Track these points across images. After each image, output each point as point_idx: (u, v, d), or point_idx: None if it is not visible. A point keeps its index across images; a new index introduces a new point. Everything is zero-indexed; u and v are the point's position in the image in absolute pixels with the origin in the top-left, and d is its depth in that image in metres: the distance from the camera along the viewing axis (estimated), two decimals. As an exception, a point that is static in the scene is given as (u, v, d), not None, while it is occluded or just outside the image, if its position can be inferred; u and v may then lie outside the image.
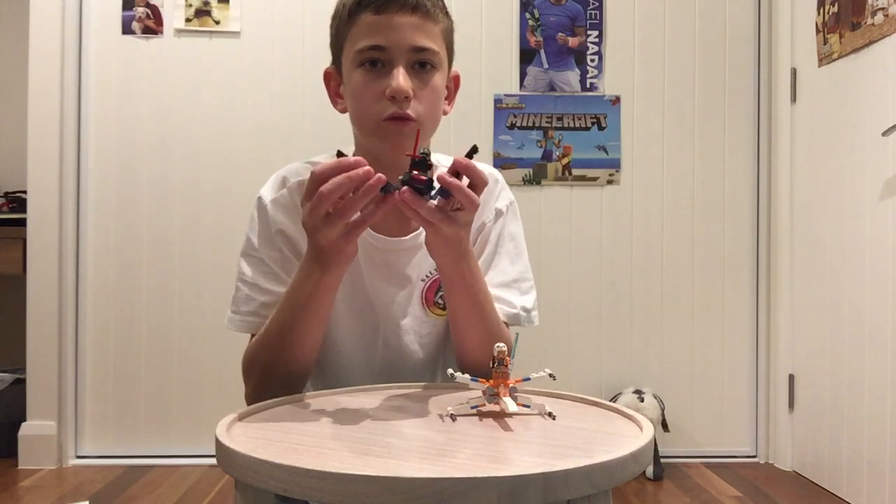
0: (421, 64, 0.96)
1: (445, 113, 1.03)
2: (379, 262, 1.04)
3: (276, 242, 1.02)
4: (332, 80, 1.05)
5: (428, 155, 0.80)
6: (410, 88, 0.94)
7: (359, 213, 0.82)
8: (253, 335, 1.00)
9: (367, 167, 0.79)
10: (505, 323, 1.03)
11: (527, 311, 1.06)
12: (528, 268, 1.11)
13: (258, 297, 1.00)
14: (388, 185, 0.80)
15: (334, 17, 1.01)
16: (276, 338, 0.93)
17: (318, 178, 0.80)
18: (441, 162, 1.09)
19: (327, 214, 0.81)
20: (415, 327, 1.07)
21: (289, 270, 1.01)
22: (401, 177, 0.80)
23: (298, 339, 0.93)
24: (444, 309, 1.07)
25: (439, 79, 0.99)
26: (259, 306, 1.00)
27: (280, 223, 1.02)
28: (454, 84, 1.06)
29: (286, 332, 0.93)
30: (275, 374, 0.95)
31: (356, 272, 1.04)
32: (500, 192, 1.10)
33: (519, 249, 1.10)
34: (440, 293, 1.06)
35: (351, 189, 0.79)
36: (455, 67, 1.06)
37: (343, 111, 1.03)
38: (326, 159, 1.06)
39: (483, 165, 1.12)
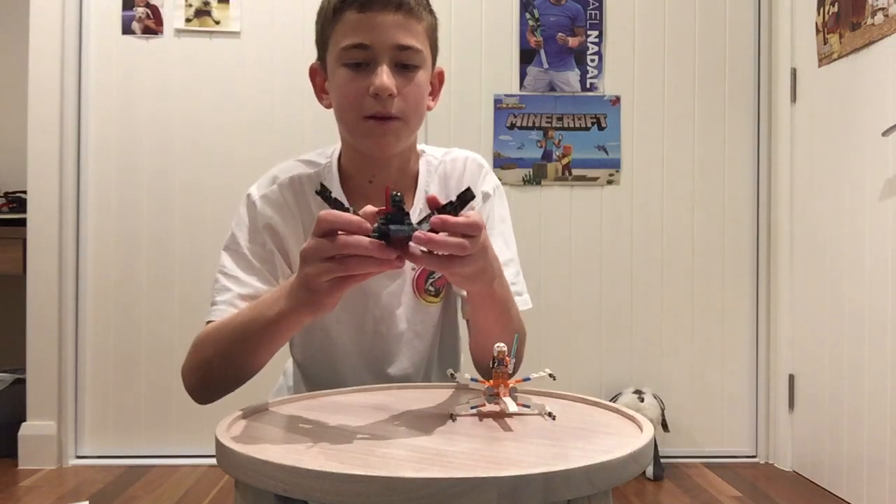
0: (405, 62, 0.97)
1: (429, 108, 1.05)
2: None
3: (259, 238, 1.03)
4: (318, 75, 1.06)
5: (401, 201, 0.74)
6: (394, 86, 0.95)
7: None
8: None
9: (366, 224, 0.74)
10: None
11: (519, 294, 1.08)
12: (516, 250, 1.13)
13: (235, 289, 1.00)
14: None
15: (319, 14, 1.02)
16: (230, 342, 0.91)
17: (324, 221, 0.75)
18: (428, 152, 1.11)
19: (329, 259, 0.75)
20: (408, 315, 1.08)
21: (270, 266, 1.02)
22: (375, 224, 0.74)
23: (246, 353, 0.90)
24: (435, 296, 1.09)
25: (423, 76, 1.00)
26: (234, 297, 0.99)
27: (269, 217, 1.03)
28: (438, 80, 1.07)
29: (238, 343, 0.90)
30: (232, 368, 0.92)
31: None
32: (486, 176, 1.12)
33: (509, 231, 1.12)
34: (430, 280, 1.08)
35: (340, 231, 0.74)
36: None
37: (328, 107, 1.04)
38: (318, 157, 1.08)
39: (464, 151, 1.13)
